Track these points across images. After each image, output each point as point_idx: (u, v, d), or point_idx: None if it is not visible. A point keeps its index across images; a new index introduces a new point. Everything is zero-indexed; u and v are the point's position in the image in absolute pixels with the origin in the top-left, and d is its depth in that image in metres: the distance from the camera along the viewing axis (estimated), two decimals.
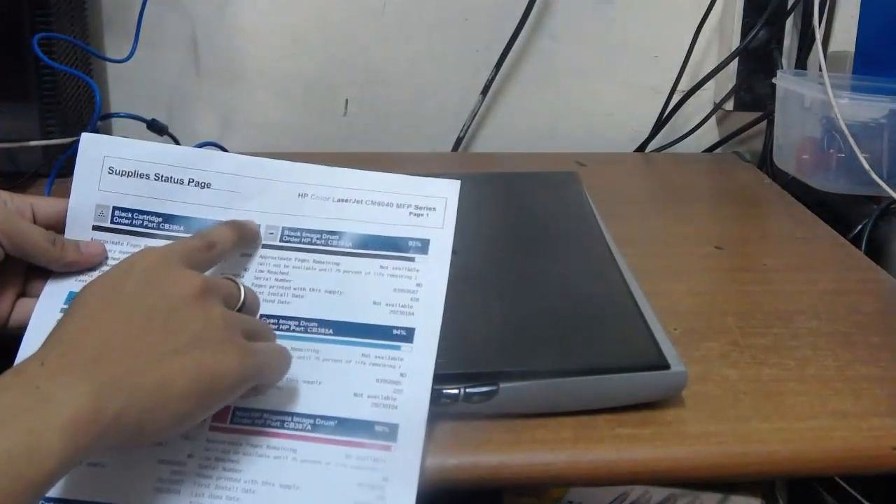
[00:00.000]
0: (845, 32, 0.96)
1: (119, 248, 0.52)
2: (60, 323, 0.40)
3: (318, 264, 0.51)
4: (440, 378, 0.47)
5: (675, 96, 1.00)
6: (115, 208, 0.52)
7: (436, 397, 0.47)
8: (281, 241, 0.52)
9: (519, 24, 0.98)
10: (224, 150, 0.91)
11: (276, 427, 0.45)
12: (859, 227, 0.78)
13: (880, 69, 0.86)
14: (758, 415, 0.49)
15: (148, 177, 0.52)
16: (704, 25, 0.99)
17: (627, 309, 0.55)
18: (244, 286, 0.46)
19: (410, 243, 0.52)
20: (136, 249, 0.48)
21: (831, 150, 0.79)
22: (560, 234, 0.68)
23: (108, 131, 0.97)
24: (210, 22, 0.98)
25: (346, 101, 1.02)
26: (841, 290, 0.65)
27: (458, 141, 1.02)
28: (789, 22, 0.97)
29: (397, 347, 0.48)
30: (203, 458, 0.44)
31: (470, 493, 0.48)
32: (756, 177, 0.95)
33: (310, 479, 0.43)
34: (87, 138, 0.53)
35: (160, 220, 0.52)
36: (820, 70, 0.78)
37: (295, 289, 0.50)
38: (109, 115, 0.95)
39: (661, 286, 0.62)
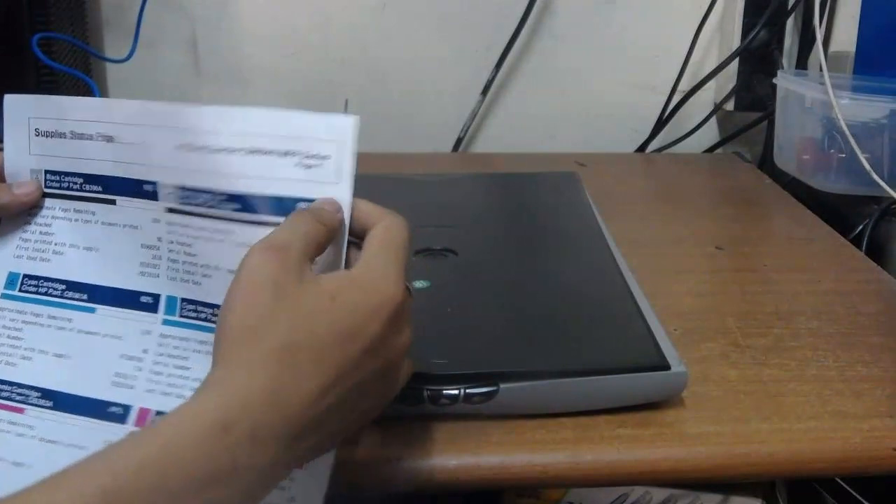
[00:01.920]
0: (846, 32, 0.96)
1: (52, 214, 0.49)
2: (242, 369, 0.36)
3: (218, 234, 0.44)
4: (440, 378, 0.47)
5: (675, 96, 1.00)
6: (46, 171, 0.49)
7: (436, 397, 0.47)
8: (181, 202, 0.46)
9: (519, 24, 0.98)
10: None
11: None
12: (860, 227, 0.78)
13: (881, 69, 0.86)
14: (758, 415, 0.49)
15: (64, 135, 0.48)
16: (705, 25, 0.98)
17: (627, 309, 0.55)
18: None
19: (300, 206, 0.44)
20: (68, 214, 0.47)
21: (832, 151, 0.79)
22: (560, 234, 0.68)
23: None
24: (210, 22, 0.98)
25: (346, 101, 1.02)
26: (841, 291, 0.65)
27: (458, 141, 1.02)
28: (790, 22, 0.97)
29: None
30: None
31: (470, 493, 0.48)
32: (756, 177, 0.95)
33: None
34: (9, 100, 0.49)
35: (81, 180, 0.48)
36: (820, 70, 0.78)
37: (202, 266, 0.45)
38: None
39: (661, 286, 0.62)
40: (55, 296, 0.47)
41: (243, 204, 0.44)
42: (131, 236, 0.47)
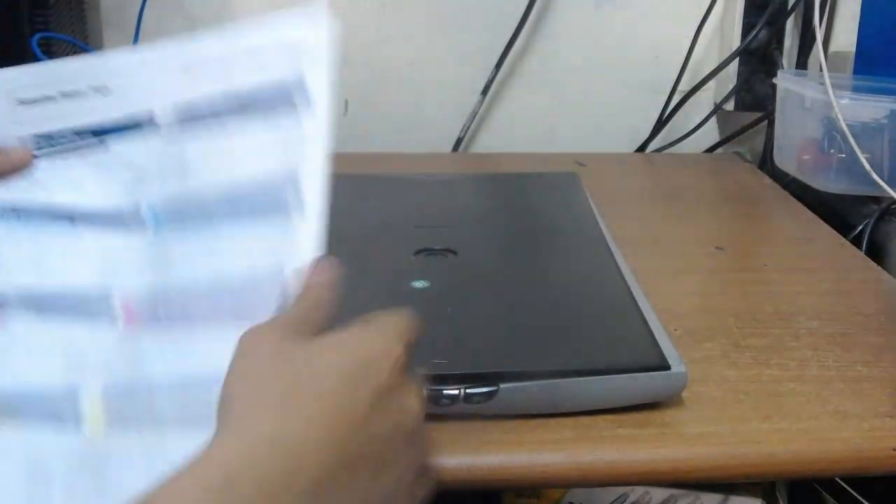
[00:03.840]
0: (846, 32, 0.96)
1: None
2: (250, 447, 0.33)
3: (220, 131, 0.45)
4: (440, 378, 0.47)
5: (675, 96, 1.00)
6: (35, 135, 0.49)
7: (436, 397, 0.47)
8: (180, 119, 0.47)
9: (519, 24, 0.98)
10: None
11: None
12: (860, 227, 0.78)
13: (881, 69, 0.86)
14: (758, 415, 0.49)
15: (53, 98, 0.49)
16: (705, 25, 0.99)
17: (627, 309, 0.55)
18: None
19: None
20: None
21: (832, 151, 0.79)
22: (560, 234, 0.68)
23: None
24: (210, 22, 0.98)
25: (346, 101, 1.02)
26: (841, 291, 0.65)
27: (458, 141, 1.02)
28: (790, 22, 0.97)
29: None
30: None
31: (470, 493, 0.48)
32: (756, 177, 0.95)
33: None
34: None
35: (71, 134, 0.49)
36: (820, 70, 0.78)
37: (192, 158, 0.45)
38: None
39: (661, 286, 0.62)
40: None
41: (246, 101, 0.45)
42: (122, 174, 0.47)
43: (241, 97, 0.46)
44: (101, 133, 0.48)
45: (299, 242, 0.43)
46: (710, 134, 1.05)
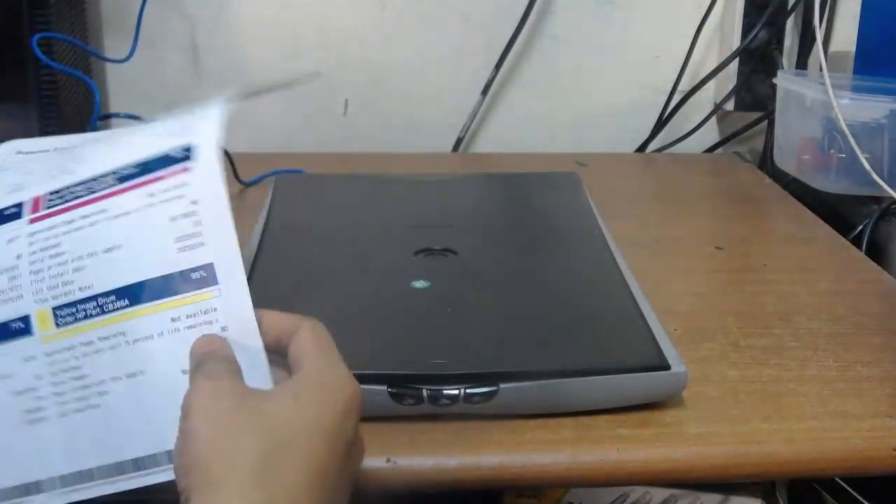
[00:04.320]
0: (846, 32, 0.96)
1: None
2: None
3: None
4: (440, 378, 0.47)
5: (675, 96, 1.00)
6: None
7: (436, 397, 0.47)
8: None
9: (519, 24, 0.98)
10: (225, 150, 0.91)
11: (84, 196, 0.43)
12: (860, 227, 0.78)
13: (881, 69, 0.86)
14: (758, 415, 0.49)
15: None
16: (705, 25, 0.98)
17: (627, 309, 0.55)
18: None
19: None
20: None
21: (832, 151, 0.79)
22: (560, 234, 0.68)
23: None
24: (210, 22, 0.98)
25: (346, 101, 1.02)
26: (841, 291, 0.65)
27: (458, 141, 1.02)
28: (790, 22, 0.97)
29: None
30: (30, 255, 0.42)
31: (470, 493, 0.48)
32: (756, 177, 0.95)
33: (126, 232, 0.42)
34: None
35: None
36: (820, 70, 0.78)
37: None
38: (109, 116, 0.95)
39: (661, 286, 0.62)
40: None
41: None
42: None
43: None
44: None
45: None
46: (710, 134, 1.05)
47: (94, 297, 0.41)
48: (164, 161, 0.44)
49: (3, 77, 0.81)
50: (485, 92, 1.01)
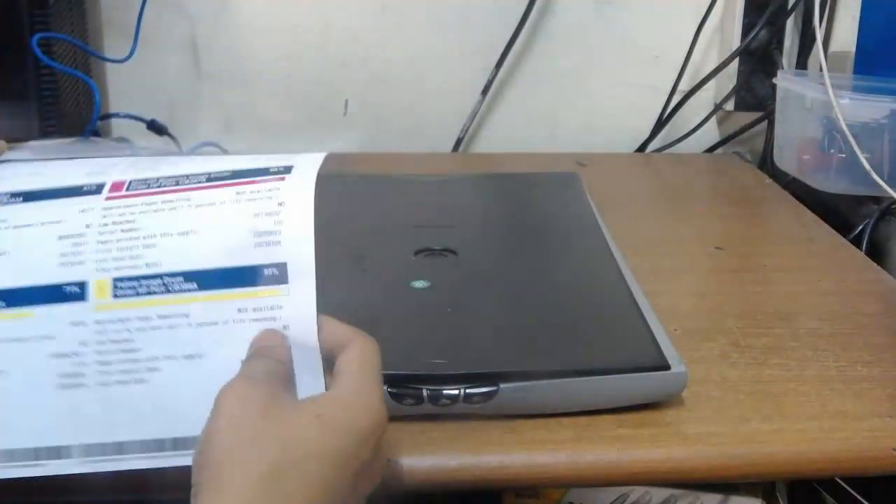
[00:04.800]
0: (846, 32, 0.96)
1: None
2: None
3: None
4: (440, 378, 0.47)
5: (675, 96, 1.00)
6: None
7: (436, 397, 0.47)
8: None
9: (519, 24, 0.98)
10: (223, 151, 0.91)
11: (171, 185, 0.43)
12: (860, 227, 0.78)
13: (881, 69, 0.86)
14: (758, 415, 0.49)
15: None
16: (705, 25, 0.98)
17: (627, 309, 0.55)
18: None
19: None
20: None
21: (832, 151, 0.79)
22: (560, 234, 0.68)
23: (107, 131, 0.97)
24: (210, 22, 0.98)
25: (346, 101, 1.02)
26: (841, 291, 0.65)
27: (458, 141, 1.02)
28: (790, 22, 0.97)
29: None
30: (101, 226, 0.42)
31: (470, 493, 0.48)
32: (756, 177, 0.95)
33: (205, 220, 0.42)
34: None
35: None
36: (820, 70, 0.78)
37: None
38: (109, 116, 0.95)
39: (661, 286, 0.62)
40: None
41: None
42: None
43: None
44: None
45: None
46: (710, 134, 1.05)
47: (161, 276, 0.42)
48: (261, 172, 0.45)
49: (3, 77, 0.81)
50: (485, 92, 1.01)
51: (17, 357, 0.42)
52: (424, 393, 0.47)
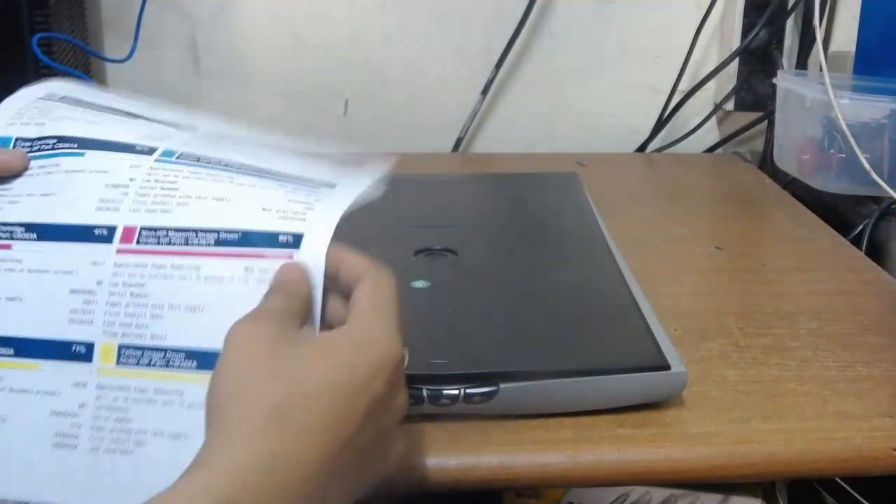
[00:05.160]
0: (846, 32, 0.96)
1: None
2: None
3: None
4: (440, 378, 0.47)
5: (675, 96, 1.00)
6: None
7: (436, 397, 0.47)
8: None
9: (519, 24, 0.98)
10: None
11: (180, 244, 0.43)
12: (860, 227, 0.78)
13: (881, 69, 0.86)
14: (758, 415, 0.49)
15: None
16: (705, 25, 0.98)
17: (627, 309, 0.55)
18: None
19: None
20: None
21: (832, 151, 0.79)
22: (560, 234, 0.68)
23: None
24: (210, 22, 0.98)
25: (346, 101, 1.02)
26: (841, 291, 0.65)
27: (458, 141, 1.02)
28: (790, 22, 0.97)
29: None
30: (111, 285, 0.42)
31: (470, 493, 0.48)
32: (756, 177, 0.95)
33: (213, 297, 0.42)
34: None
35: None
36: (820, 70, 0.78)
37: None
38: None
39: (661, 286, 0.62)
40: None
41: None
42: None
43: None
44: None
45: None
46: (710, 134, 1.05)
47: (164, 350, 0.42)
48: (270, 240, 0.43)
49: (3, 77, 0.81)
50: (485, 92, 1.01)
51: (20, 408, 0.42)
52: (424, 393, 0.47)
